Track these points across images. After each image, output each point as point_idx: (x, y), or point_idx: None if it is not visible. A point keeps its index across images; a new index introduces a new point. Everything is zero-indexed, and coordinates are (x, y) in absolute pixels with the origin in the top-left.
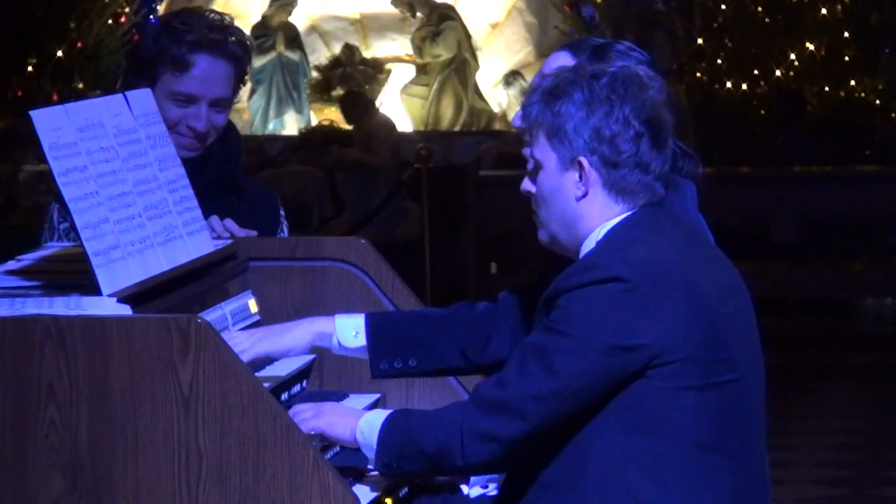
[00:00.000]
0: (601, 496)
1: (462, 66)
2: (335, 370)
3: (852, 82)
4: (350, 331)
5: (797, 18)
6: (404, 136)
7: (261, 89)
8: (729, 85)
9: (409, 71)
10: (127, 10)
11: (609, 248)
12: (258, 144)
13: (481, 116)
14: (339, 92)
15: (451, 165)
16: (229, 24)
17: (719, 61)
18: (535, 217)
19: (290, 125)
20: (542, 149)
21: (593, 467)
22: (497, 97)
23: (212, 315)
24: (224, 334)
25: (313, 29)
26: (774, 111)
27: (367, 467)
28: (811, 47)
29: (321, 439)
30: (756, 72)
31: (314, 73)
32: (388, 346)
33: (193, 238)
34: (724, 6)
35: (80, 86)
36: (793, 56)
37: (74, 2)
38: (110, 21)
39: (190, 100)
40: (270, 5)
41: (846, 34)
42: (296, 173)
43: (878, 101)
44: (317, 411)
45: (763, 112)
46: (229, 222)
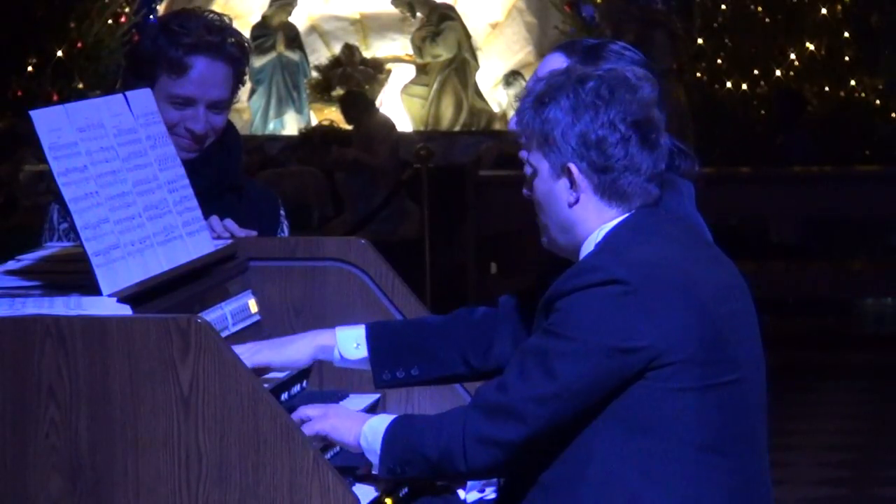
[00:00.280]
0: (601, 498)
1: (462, 66)
2: (335, 370)
3: (852, 82)
4: (351, 342)
5: (797, 18)
6: (404, 136)
7: (261, 89)
8: (729, 85)
9: (409, 71)
10: (127, 10)
11: (607, 251)
12: (258, 144)
13: (481, 116)
14: (339, 92)
15: (451, 165)
16: (227, 26)
17: (719, 61)
18: (536, 220)
19: (290, 125)
20: (535, 155)
21: (593, 469)
22: (497, 97)
23: (212, 315)
24: None
25: (313, 29)
26: (774, 111)
27: (371, 472)
28: (811, 47)
29: (321, 439)
30: (756, 72)
31: (314, 73)
32: (390, 356)
33: (193, 238)
34: (724, 6)
35: (80, 86)
36: (793, 56)
37: (74, 2)
38: (110, 21)
39: (188, 102)
40: (270, 5)
41: (846, 34)
42: (296, 173)
43: (878, 101)
44: (321, 414)
45: (763, 112)
46: (229, 222)
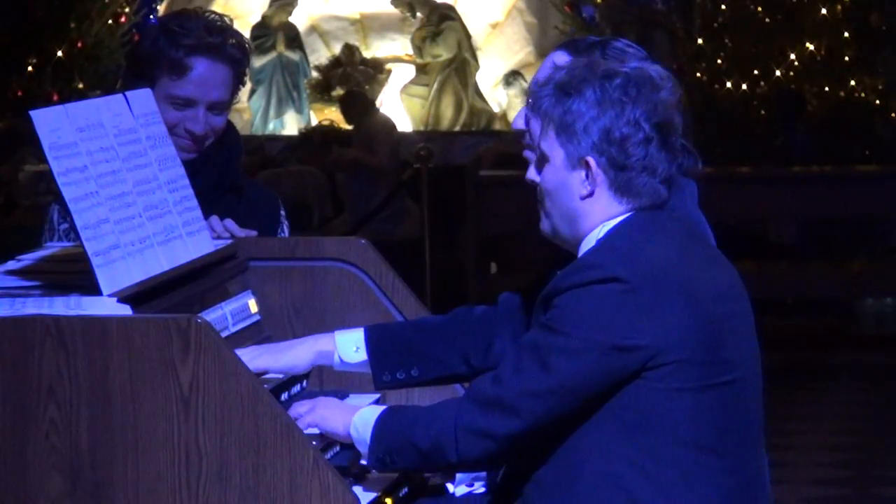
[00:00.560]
0: (597, 496)
1: (462, 66)
2: (336, 370)
3: (852, 82)
4: (350, 346)
5: (797, 18)
6: (404, 136)
7: (261, 89)
8: (729, 85)
9: (409, 71)
10: (127, 10)
11: (608, 248)
12: (258, 144)
13: (481, 116)
14: (339, 92)
15: (451, 165)
16: (228, 27)
17: (719, 61)
18: (538, 206)
19: (290, 125)
20: (550, 143)
21: (589, 467)
22: (497, 97)
23: (212, 315)
24: None
25: (313, 29)
26: (774, 111)
27: (360, 462)
28: (811, 47)
29: (321, 439)
30: (756, 72)
31: (314, 73)
32: (390, 358)
33: (193, 238)
34: (724, 6)
35: (80, 86)
36: (793, 56)
37: (74, 2)
38: (110, 21)
39: (188, 103)
40: (270, 5)
41: (846, 34)
42: (296, 173)
43: (877, 101)
44: (311, 405)
45: (763, 112)
46: (229, 222)
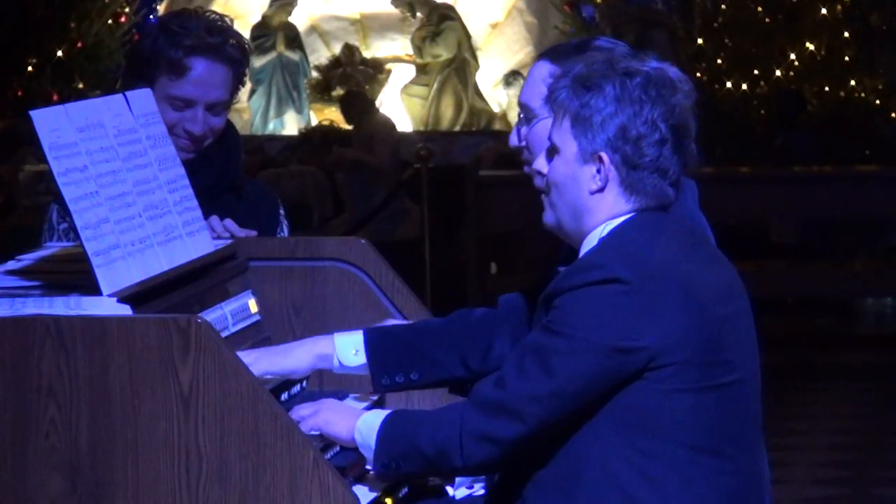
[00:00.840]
0: (597, 497)
1: (462, 66)
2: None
3: (852, 82)
4: (350, 349)
5: (797, 18)
6: (404, 136)
7: (261, 89)
8: (729, 85)
9: (409, 71)
10: (127, 10)
11: (609, 249)
12: (258, 144)
13: (481, 116)
14: (339, 92)
15: (451, 165)
16: (227, 27)
17: (719, 61)
18: (542, 197)
19: (290, 125)
20: (564, 135)
21: (590, 468)
22: (497, 97)
23: (212, 315)
24: None
25: (313, 29)
26: (774, 111)
27: (365, 467)
28: (811, 47)
29: (321, 439)
30: (756, 72)
31: (314, 73)
32: (389, 361)
33: (193, 238)
34: (724, 6)
35: (80, 86)
36: (793, 56)
37: (74, 2)
38: (110, 21)
39: (187, 104)
40: (270, 5)
41: (846, 34)
42: (296, 173)
43: (877, 101)
44: (315, 409)
45: (763, 112)
46: (229, 222)
